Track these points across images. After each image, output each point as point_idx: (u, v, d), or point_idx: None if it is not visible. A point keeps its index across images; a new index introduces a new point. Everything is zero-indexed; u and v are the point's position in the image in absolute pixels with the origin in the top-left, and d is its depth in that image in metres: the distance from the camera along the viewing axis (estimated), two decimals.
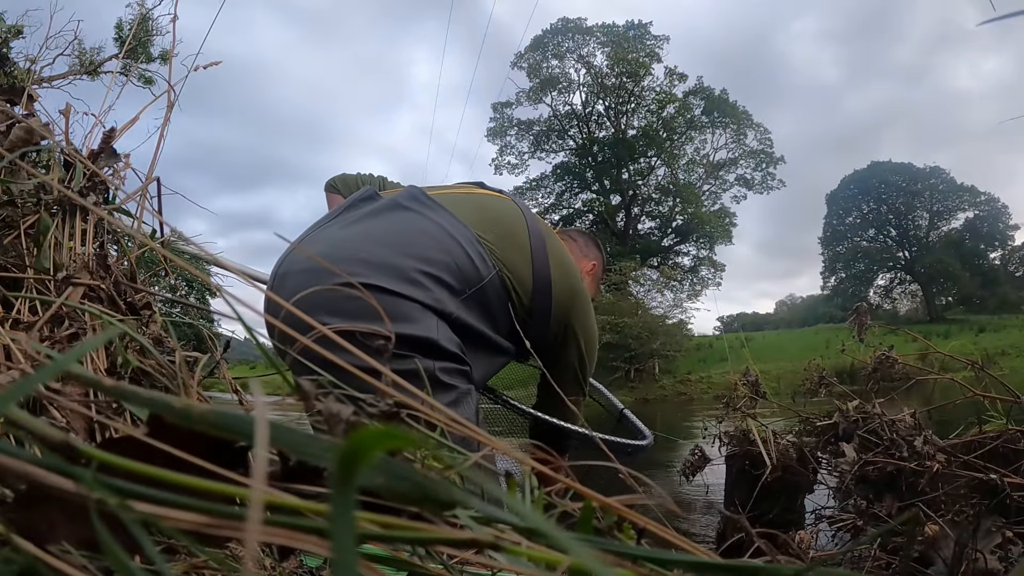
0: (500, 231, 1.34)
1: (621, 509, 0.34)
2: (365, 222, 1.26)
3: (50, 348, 0.66)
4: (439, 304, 1.18)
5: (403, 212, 1.29)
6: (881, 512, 1.43)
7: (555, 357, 1.45)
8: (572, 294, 1.43)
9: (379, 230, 1.24)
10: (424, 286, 1.17)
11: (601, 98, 35.29)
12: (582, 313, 1.46)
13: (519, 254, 1.34)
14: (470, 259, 1.24)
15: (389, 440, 0.20)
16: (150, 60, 13.65)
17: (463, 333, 1.23)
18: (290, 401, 0.45)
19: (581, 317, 1.45)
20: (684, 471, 2.11)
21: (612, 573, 0.21)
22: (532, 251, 1.36)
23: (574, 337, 1.44)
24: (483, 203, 1.43)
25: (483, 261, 1.26)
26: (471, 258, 1.25)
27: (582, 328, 1.46)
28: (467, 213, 1.33)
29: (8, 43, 7.64)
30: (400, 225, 1.26)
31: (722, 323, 40.41)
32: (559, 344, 1.45)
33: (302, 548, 0.24)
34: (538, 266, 1.36)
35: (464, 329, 1.23)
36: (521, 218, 1.42)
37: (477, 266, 1.25)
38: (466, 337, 1.24)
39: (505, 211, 1.43)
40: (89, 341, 0.47)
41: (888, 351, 1.80)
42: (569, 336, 1.44)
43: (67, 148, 0.94)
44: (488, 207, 1.41)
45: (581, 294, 1.47)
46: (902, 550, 1.26)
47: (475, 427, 0.39)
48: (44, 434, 0.25)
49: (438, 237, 1.24)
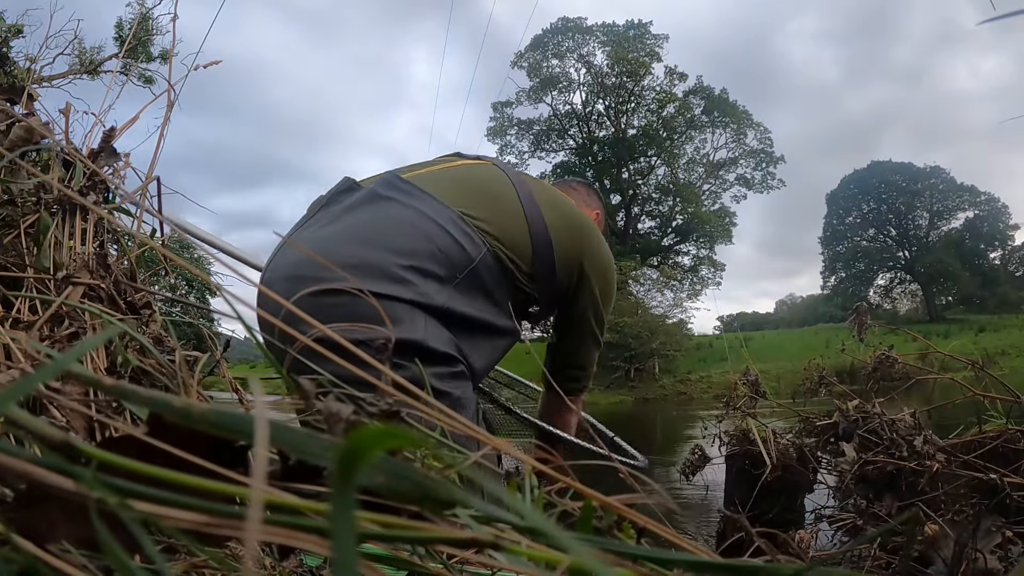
0: (486, 200, 1.28)
1: (621, 508, 0.34)
2: (343, 219, 1.21)
3: (50, 347, 0.66)
4: (426, 298, 1.13)
5: (380, 203, 1.22)
6: (881, 512, 1.43)
7: (569, 311, 1.41)
8: (578, 234, 1.36)
9: (357, 226, 1.18)
10: (408, 282, 1.12)
11: (601, 97, 35.31)
12: (593, 250, 1.39)
13: (512, 219, 1.29)
14: (456, 242, 1.18)
15: (389, 439, 0.20)
16: (150, 59, 13.65)
17: (457, 323, 1.18)
18: (289, 401, 0.45)
19: (593, 255, 1.39)
20: (684, 470, 2.11)
21: (612, 572, 0.21)
22: (525, 211, 1.31)
23: (587, 280, 1.38)
24: (464, 175, 1.37)
25: (471, 240, 1.20)
26: (457, 241, 1.19)
27: (596, 268, 1.39)
28: (448, 190, 1.27)
29: (8, 42, 7.63)
30: (378, 218, 1.20)
31: (722, 323, 40.42)
32: (572, 293, 1.39)
33: (302, 547, 0.24)
34: (534, 223, 1.30)
35: (458, 319, 1.18)
36: (506, 180, 1.37)
37: (465, 247, 1.19)
38: (461, 327, 1.19)
39: (488, 178, 1.37)
40: (89, 340, 0.47)
41: (888, 351, 1.80)
42: (583, 280, 1.38)
43: (67, 147, 0.94)
44: (470, 178, 1.36)
45: (587, 229, 1.40)
46: (902, 550, 1.26)
47: (474, 426, 0.39)
48: (44, 433, 0.25)
49: (419, 225, 1.18)
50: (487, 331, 1.25)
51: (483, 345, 1.25)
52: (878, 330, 1.91)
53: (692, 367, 25.40)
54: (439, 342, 1.14)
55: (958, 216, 40.80)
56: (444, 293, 1.16)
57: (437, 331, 1.15)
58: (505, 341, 1.31)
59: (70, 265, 0.80)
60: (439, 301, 1.15)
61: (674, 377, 24.42)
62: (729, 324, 38.82)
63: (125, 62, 8.78)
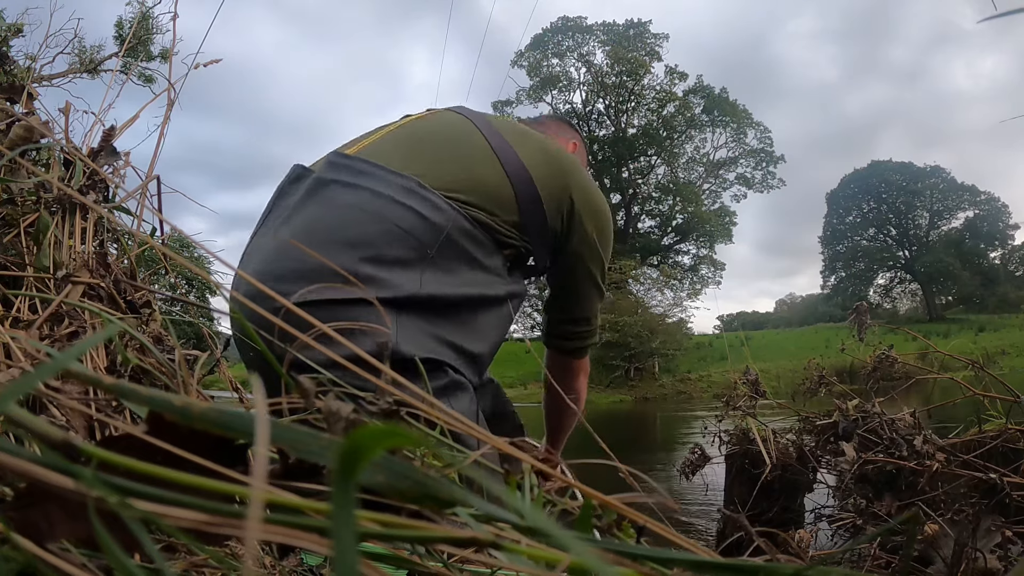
0: (450, 155, 1.14)
1: (621, 507, 0.34)
2: (291, 219, 1.07)
3: (50, 346, 0.66)
4: (394, 291, 0.99)
5: (326, 190, 1.08)
6: (880, 511, 1.43)
7: (564, 255, 1.25)
8: (558, 166, 1.21)
9: (305, 225, 1.04)
10: (369, 277, 0.98)
11: (601, 97, 35.30)
12: (579, 182, 1.24)
13: (484, 167, 1.14)
14: (418, 215, 1.04)
15: (390, 438, 0.20)
16: (150, 58, 13.63)
17: (440, 309, 1.05)
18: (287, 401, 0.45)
19: (580, 187, 1.23)
20: (684, 470, 2.11)
21: (612, 571, 0.21)
22: (498, 155, 1.16)
23: (578, 215, 1.22)
24: (418, 133, 1.21)
25: (434, 208, 1.05)
26: (419, 213, 1.04)
27: (585, 201, 1.23)
28: (402, 156, 1.12)
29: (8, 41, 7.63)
30: (325, 211, 1.05)
31: (722, 322, 40.39)
32: (565, 232, 1.23)
33: (302, 546, 0.24)
34: (509, 165, 1.15)
35: (441, 304, 1.04)
36: (470, 126, 1.22)
37: (429, 218, 1.04)
38: (446, 312, 1.05)
39: (449, 129, 1.22)
40: (88, 339, 0.47)
41: (888, 350, 1.80)
42: (574, 216, 1.22)
43: (67, 146, 0.94)
44: (426, 135, 1.20)
45: (568, 159, 1.25)
46: (902, 549, 1.26)
47: (469, 422, 0.38)
48: (44, 432, 0.25)
49: (371, 207, 1.04)
50: (481, 305, 1.11)
51: (480, 323, 1.11)
52: (878, 329, 1.91)
53: (692, 366, 25.42)
54: (414, 345, 0.99)
55: (958, 216, 40.89)
56: (415, 278, 1.02)
57: (413, 329, 1.01)
58: (506, 308, 1.17)
59: (70, 264, 0.80)
60: (409, 289, 1.00)
61: (674, 376, 24.43)
62: (729, 323, 38.85)
63: (125, 61, 8.77)
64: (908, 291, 43.19)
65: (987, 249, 40.45)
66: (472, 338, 1.09)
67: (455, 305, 1.06)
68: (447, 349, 1.06)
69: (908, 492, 1.42)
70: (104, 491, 0.23)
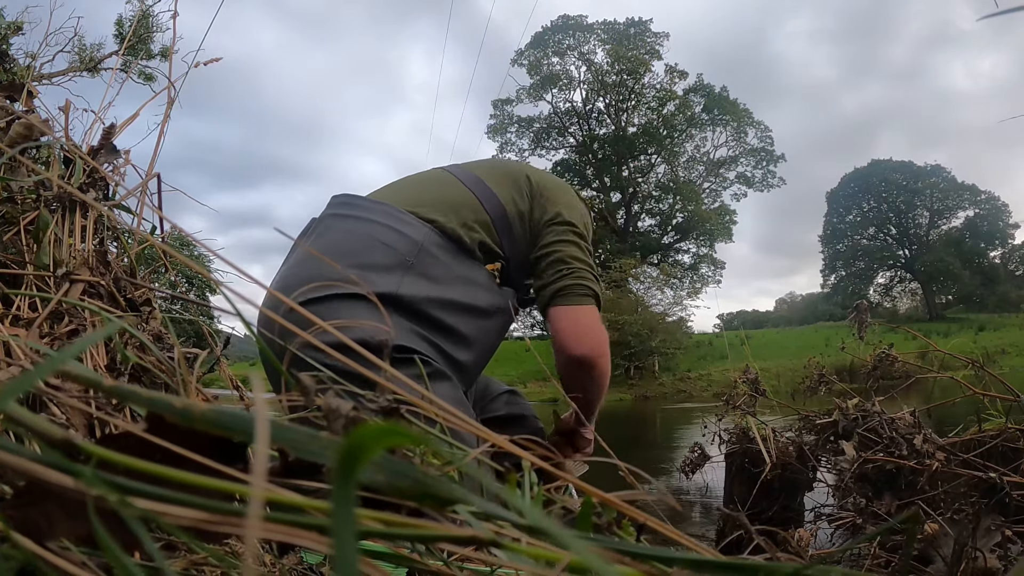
0: (430, 191, 1.32)
1: (621, 505, 0.34)
2: (297, 250, 1.25)
3: (50, 345, 0.66)
4: (375, 287, 1.10)
5: (327, 222, 1.28)
6: (880, 510, 1.43)
7: (541, 233, 1.32)
8: (515, 169, 1.40)
9: (310, 251, 1.20)
10: (349, 279, 1.09)
11: (601, 95, 35.28)
12: (534, 170, 1.42)
13: (459, 195, 1.31)
14: (396, 231, 1.19)
15: (390, 437, 0.20)
16: (150, 57, 13.62)
17: (420, 311, 1.13)
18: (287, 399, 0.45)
19: (535, 172, 1.40)
20: (684, 468, 2.11)
21: (612, 570, 0.21)
22: (469, 187, 1.32)
23: (540, 189, 1.35)
24: (406, 179, 1.45)
25: (409, 226, 1.21)
26: (397, 230, 1.20)
27: (544, 178, 1.39)
28: (387, 194, 1.33)
29: (8, 39, 7.62)
30: (326, 236, 1.24)
31: (722, 321, 40.40)
32: (532, 212, 1.33)
33: (302, 545, 0.24)
34: (477, 189, 1.32)
35: (420, 304, 1.13)
36: (448, 173, 1.40)
37: (406, 233, 1.19)
38: (427, 315, 1.13)
39: (431, 173, 1.43)
40: (88, 337, 0.47)
41: (888, 349, 1.80)
42: (535, 190, 1.35)
43: (67, 144, 0.94)
44: (412, 179, 1.43)
45: (523, 165, 1.43)
46: (901, 548, 1.26)
47: (472, 422, 0.38)
48: (44, 430, 0.25)
49: (359, 229, 1.21)
50: (462, 312, 1.17)
51: (463, 331, 1.17)
52: (878, 328, 1.91)
53: (692, 365, 25.41)
54: (395, 336, 1.07)
55: (958, 215, 40.86)
56: (395, 280, 1.13)
57: (394, 323, 1.09)
58: (493, 322, 1.23)
59: (70, 262, 0.80)
60: (387, 288, 1.11)
61: (674, 375, 24.43)
62: (729, 322, 38.79)
63: (125, 59, 8.77)
64: (908, 290, 43.20)
65: (987, 248, 40.43)
66: (454, 344, 1.16)
67: (436, 307, 1.15)
68: (427, 344, 1.13)
69: (908, 491, 1.42)
70: (104, 489, 0.23)
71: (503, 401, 1.51)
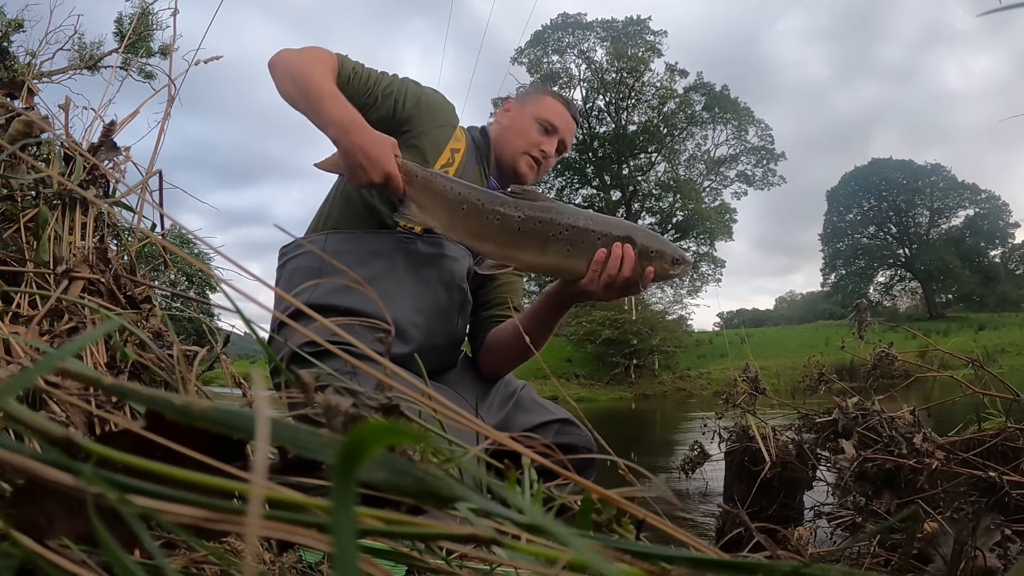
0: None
1: (621, 502, 0.34)
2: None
3: (49, 342, 0.66)
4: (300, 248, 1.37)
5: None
6: (880, 509, 1.43)
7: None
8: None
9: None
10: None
11: (601, 93, 35.20)
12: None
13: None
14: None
15: (391, 436, 0.20)
16: (150, 55, 13.59)
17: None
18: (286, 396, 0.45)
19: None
20: (684, 466, 2.11)
21: (612, 568, 0.21)
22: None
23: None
24: None
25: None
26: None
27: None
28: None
29: (8, 37, 7.61)
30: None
31: (722, 319, 40.35)
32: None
33: (302, 543, 0.24)
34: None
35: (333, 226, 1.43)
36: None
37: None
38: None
39: None
40: (87, 334, 0.47)
41: (888, 348, 1.79)
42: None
43: (67, 142, 0.94)
44: None
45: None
46: (901, 547, 1.26)
47: (458, 407, 0.38)
48: (44, 428, 0.25)
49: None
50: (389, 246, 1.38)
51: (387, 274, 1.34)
52: (878, 327, 1.91)
53: (692, 364, 25.38)
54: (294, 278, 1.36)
55: (958, 214, 40.81)
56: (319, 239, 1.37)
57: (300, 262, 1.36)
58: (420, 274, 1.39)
59: (70, 259, 0.80)
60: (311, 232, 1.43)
61: (674, 374, 24.39)
62: (729, 321, 38.75)
63: (125, 57, 8.76)
64: (908, 289, 43.15)
65: (987, 247, 40.39)
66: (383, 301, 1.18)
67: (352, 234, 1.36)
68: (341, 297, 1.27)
69: (907, 490, 1.42)
70: (103, 487, 0.23)
71: (553, 431, 1.40)
